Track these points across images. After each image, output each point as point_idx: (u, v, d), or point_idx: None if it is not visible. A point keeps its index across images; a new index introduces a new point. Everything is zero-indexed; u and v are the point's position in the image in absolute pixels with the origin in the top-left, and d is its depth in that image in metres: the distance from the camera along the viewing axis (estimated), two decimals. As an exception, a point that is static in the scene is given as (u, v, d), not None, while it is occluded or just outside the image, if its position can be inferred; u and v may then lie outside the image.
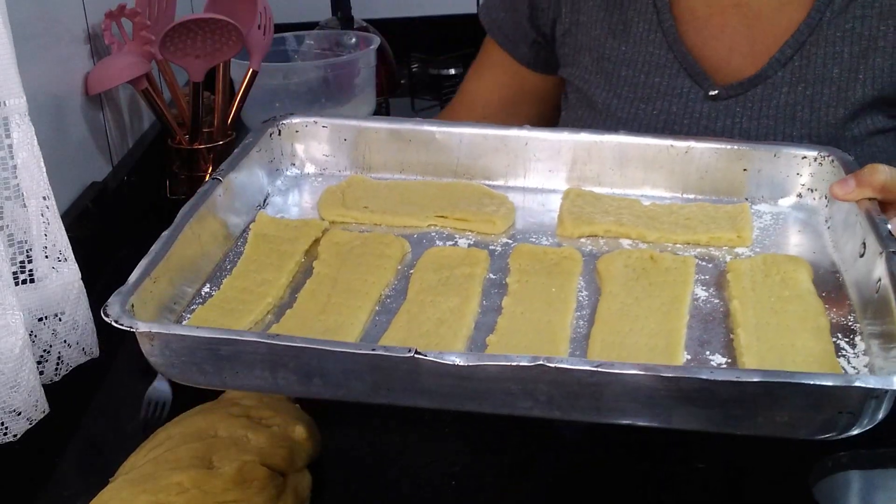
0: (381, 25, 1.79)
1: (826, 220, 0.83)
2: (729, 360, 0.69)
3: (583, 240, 0.81)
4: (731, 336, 0.70)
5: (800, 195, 0.86)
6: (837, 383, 0.60)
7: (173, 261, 0.72)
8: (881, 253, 0.71)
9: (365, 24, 1.79)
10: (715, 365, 0.68)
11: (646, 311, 0.68)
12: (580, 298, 0.73)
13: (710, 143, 0.87)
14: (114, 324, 0.63)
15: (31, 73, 1.05)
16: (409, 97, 1.86)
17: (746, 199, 0.87)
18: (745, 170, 0.86)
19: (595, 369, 0.56)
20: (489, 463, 0.86)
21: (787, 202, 0.87)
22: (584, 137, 0.87)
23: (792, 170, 0.85)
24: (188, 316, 0.73)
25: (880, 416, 0.63)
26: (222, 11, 1.28)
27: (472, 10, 1.94)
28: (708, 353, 0.69)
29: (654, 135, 0.89)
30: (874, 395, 0.61)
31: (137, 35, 1.28)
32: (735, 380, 0.58)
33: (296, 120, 0.92)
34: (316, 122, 0.91)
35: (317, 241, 0.78)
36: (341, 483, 0.87)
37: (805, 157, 0.85)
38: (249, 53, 1.37)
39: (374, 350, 0.57)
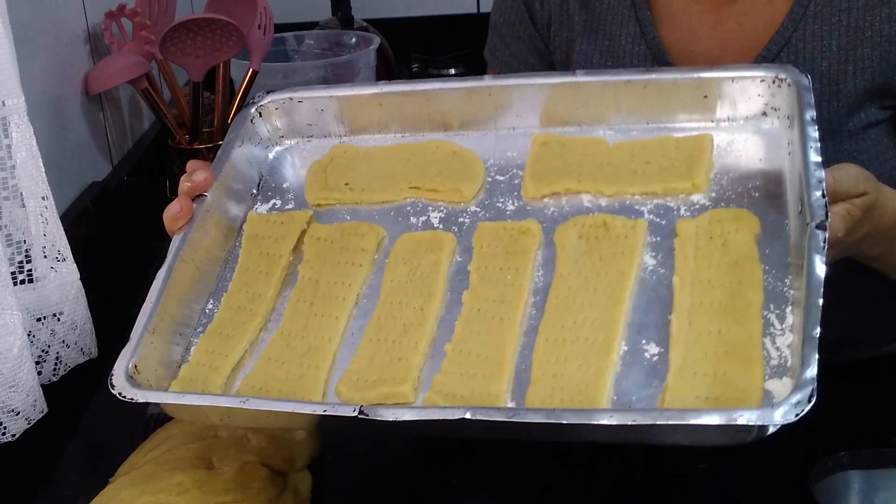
0: (381, 25, 1.79)
1: (788, 144, 0.82)
2: (662, 350, 0.71)
3: (546, 200, 0.85)
4: (669, 317, 0.73)
5: (764, 113, 0.85)
6: (715, 422, 0.60)
7: (170, 302, 0.78)
8: (808, 224, 0.70)
9: (365, 24, 1.79)
10: (648, 356, 0.71)
11: (591, 297, 0.75)
12: (536, 280, 0.79)
13: (667, 73, 0.88)
14: (118, 396, 0.70)
15: (31, 73, 1.05)
16: (409, 97, 1.86)
17: (712, 121, 0.87)
18: (705, 96, 0.87)
19: (509, 420, 0.64)
20: (488, 463, 0.86)
21: (749, 125, 0.86)
22: (546, 81, 0.90)
23: (753, 91, 0.85)
24: (195, 340, 0.79)
25: (801, 412, 0.60)
26: (222, 11, 1.28)
27: (472, 10, 1.94)
28: (644, 341, 0.73)
29: (611, 71, 0.91)
30: (758, 427, 0.60)
31: (137, 35, 1.28)
32: (621, 423, 0.62)
33: (273, 98, 0.95)
34: (291, 99, 0.95)
35: (303, 233, 0.85)
36: (341, 483, 0.87)
37: (763, 80, 0.85)
38: (249, 53, 1.37)
39: (325, 411, 0.66)
